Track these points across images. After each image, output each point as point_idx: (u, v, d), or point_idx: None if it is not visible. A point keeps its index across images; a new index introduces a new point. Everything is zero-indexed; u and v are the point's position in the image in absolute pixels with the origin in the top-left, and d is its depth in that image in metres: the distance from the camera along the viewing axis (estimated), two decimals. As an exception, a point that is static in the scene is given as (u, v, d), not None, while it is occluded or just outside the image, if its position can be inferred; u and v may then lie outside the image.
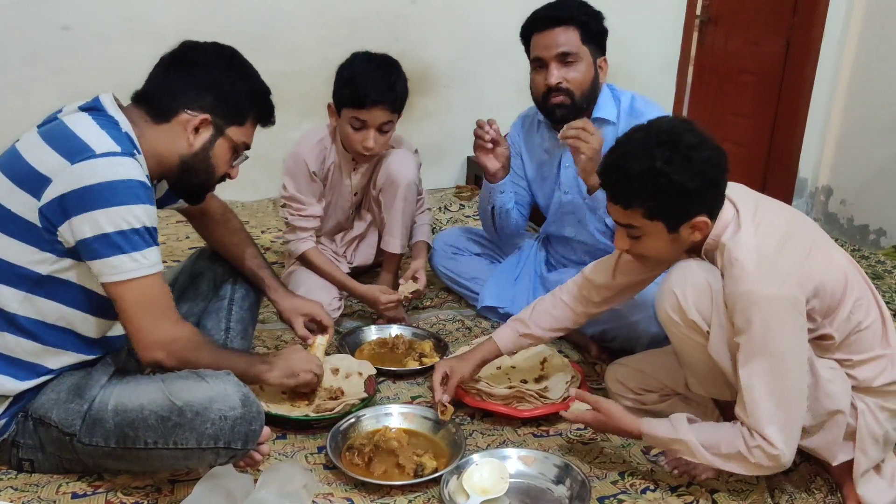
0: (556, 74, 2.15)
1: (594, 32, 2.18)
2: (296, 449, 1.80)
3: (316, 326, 2.04)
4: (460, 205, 3.50)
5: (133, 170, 1.45)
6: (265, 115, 1.71)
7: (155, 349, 1.53)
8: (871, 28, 3.76)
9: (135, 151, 1.51)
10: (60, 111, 1.55)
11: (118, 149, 1.45)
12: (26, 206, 1.45)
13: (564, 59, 2.15)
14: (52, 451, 1.57)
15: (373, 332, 2.35)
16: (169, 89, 1.59)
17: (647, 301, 2.13)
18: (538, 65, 2.20)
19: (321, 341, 1.98)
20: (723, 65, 4.25)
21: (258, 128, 1.73)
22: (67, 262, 1.49)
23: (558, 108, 2.19)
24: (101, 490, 1.59)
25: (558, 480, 1.70)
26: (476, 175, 3.86)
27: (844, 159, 3.92)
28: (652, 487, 1.71)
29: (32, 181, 1.44)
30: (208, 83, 1.59)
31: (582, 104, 2.19)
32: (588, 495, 1.63)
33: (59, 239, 1.46)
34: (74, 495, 1.57)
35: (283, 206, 2.45)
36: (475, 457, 1.71)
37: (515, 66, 3.86)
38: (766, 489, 1.70)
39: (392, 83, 2.24)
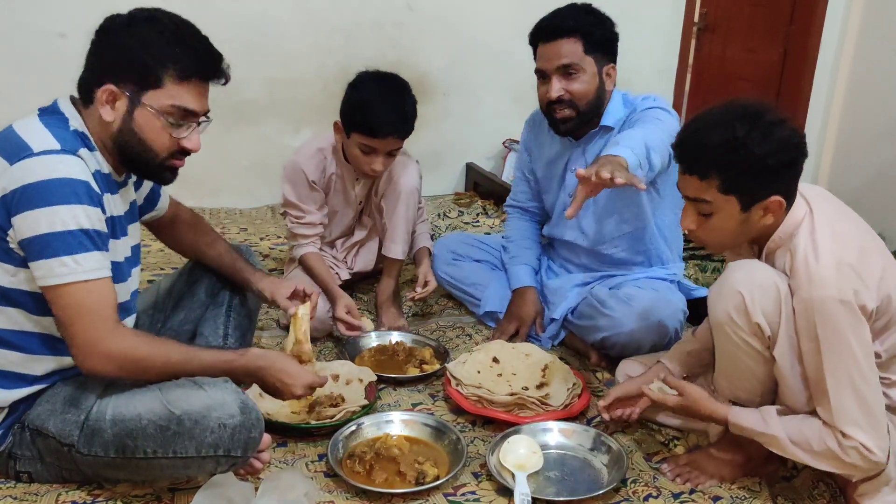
0: (556, 87, 2.13)
1: (599, 41, 2.14)
2: (296, 457, 1.79)
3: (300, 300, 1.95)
4: (459, 211, 3.49)
5: (73, 167, 1.39)
6: (189, 69, 1.47)
7: (91, 360, 1.44)
8: (868, 35, 3.79)
9: (82, 148, 1.45)
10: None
11: (57, 146, 1.40)
12: None
13: (566, 70, 2.12)
14: (52, 461, 1.56)
15: (373, 339, 2.34)
16: (86, 69, 1.50)
17: (644, 310, 2.14)
18: (541, 76, 2.19)
19: (303, 311, 1.87)
20: (720, 72, 4.27)
21: (219, 94, 1.56)
22: (27, 272, 1.44)
23: (562, 122, 2.18)
24: (100, 499, 1.58)
25: (596, 451, 1.82)
26: (475, 182, 3.86)
27: (842, 165, 3.94)
28: (655, 494, 1.71)
29: None
30: (108, 49, 1.46)
31: (587, 114, 2.17)
32: (625, 465, 1.73)
33: (11, 246, 1.42)
34: (73, 504, 1.56)
35: (283, 214, 2.45)
36: (515, 432, 1.82)
37: (512, 74, 3.89)
38: (769, 496, 1.70)
39: (405, 113, 2.25)
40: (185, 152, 1.56)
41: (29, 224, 1.38)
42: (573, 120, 2.17)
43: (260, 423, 1.54)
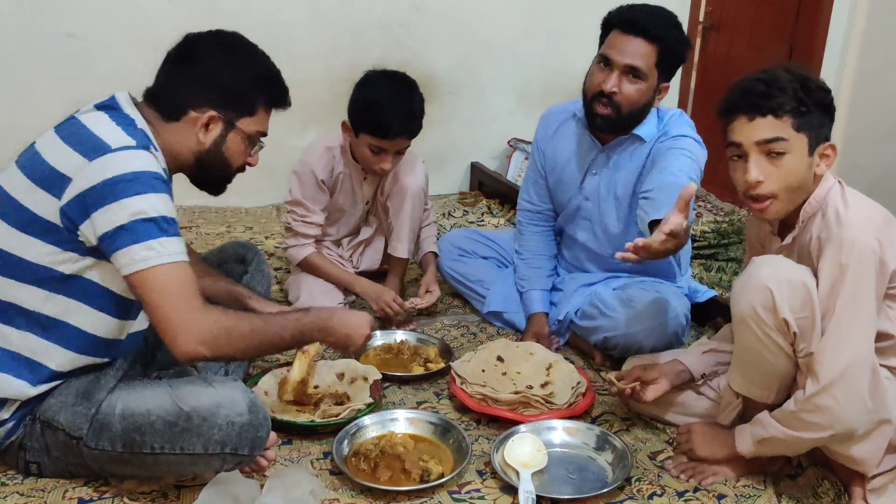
0: (613, 82, 2.07)
1: (671, 59, 2.10)
2: (302, 454, 1.80)
3: None
4: (464, 211, 3.50)
5: (149, 161, 1.46)
6: (276, 100, 1.69)
7: (185, 341, 1.45)
8: (874, 33, 3.78)
9: (150, 145, 1.51)
10: (77, 112, 1.56)
11: (133, 142, 1.46)
12: (48, 207, 1.45)
13: (631, 71, 2.07)
14: (58, 456, 1.57)
15: (378, 338, 2.35)
16: (174, 88, 1.58)
17: (646, 312, 2.14)
18: (604, 62, 2.10)
19: (315, 350, 1.93)
20: (726, 71, 4.26)
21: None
22: (89, 260, 1.49)
23: (600, 118, 2.13)
24: (107, 496, 1.59)
25: (600, 449, 1.82)
26: (480, 181, 3.86)
27: (848, 164, 3.93)
28: (659, 493, 1.71)
29: (53, 181, 1.45)
30: (210, 78, 1.58)
31: (625, 121, 2.13)
32: (629, 464, 1.73)
33: (80, 238, 1.46)
34: (80, 501, 1.57)
35: (288, 211, 2.46)
36: (519, 430, 1.83)
37: (518, 74, 3.90)
38: (773, 494, 1.70)
39: (413, 112, 2.26)
40: (243, 169, 1.71)
41: (112, 215, 1.41)
42: (610, 119, 2.12)
43: (267, 422, 1.55)
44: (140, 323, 1.65)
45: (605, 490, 1.67)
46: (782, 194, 1.59)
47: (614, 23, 2.11)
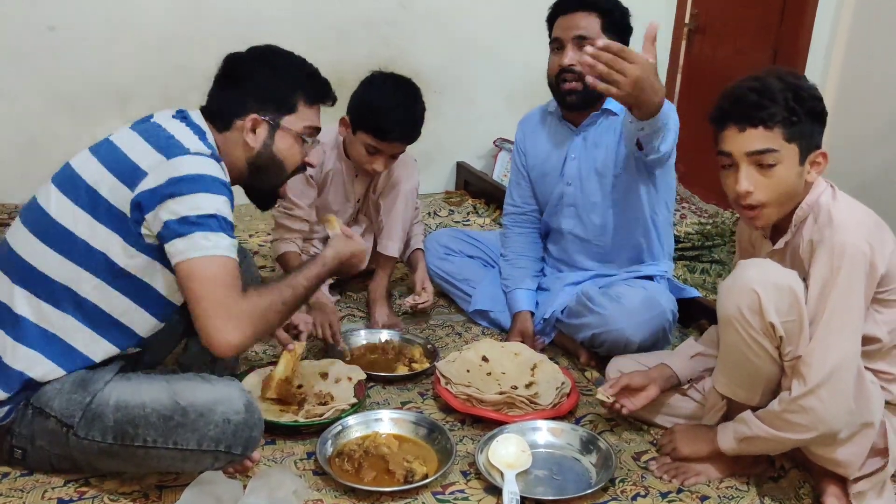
0: (570, 56, 2.16)
1: (617, 24, 2.18)
2: (285, 455, 1.79)
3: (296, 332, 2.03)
4: (450, 210, 3.50)
5: (219, 170, 1.56)
6: (316, 94, 1.75)
7: (226, 330, 1.47)
8: (859, 37, 3.80)
9: (220, 158, 1.60)
10: (152, 116, 1.64)
11: (208, 152, 1.56)
12: (121, 197, 1.51)
13: (581, 42, 2.13)
14: (42, 445, 1.56)
15: (362, 338, 2.34)
16: (222, 103, 1.69)
17: (634, 308, 2.14)
18: (556, 46, 2.21)
19: (301, 350, 1.93)
20: (711, 73, 4.28)
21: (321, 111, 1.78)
22: (144, 259, 1.54)
23: (569, 95, 2.20)
24: (87, 496, 1.57)
25: (584, 450, 1.82)
26: (466, 181, 3.86)
27: (832, 169, 3.95)
28: (643, 493, 1.71)
29: (131, 174, 1.51)
30: (247, 85, 1.68)
31: (593, 92, 2.09)
32: (613, 465, 1.73)
33: (142, 231, 1.51)
34: (60, 501, 1.55)
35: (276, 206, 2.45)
36: (503, 430, 1.83)
37: (504, 73, 3.90)
38: (756, 495, 1.71)
39: (415, 119, 2.27)
40: (303, 168, 1.78)
41: (177, 206, 1.48)
42: (579, 93, 2.18)
43: (261, 423, 1.57)
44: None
45: (589, 491, 1.68)
46: (773, 203, 1.59)
47: (555, 12, 2.22)
